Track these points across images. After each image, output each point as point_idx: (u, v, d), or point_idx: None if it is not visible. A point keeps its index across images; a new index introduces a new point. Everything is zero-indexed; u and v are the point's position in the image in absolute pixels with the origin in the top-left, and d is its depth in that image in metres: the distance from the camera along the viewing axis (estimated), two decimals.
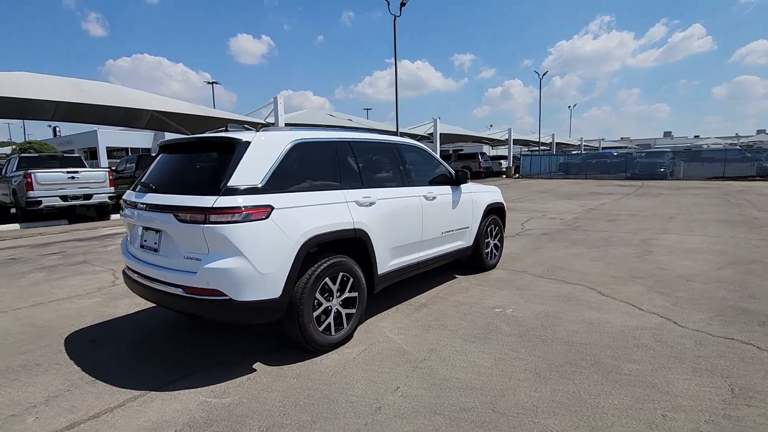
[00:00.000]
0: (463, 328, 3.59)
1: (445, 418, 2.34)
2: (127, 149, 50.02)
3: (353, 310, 3.36)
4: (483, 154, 29.60)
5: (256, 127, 11.95)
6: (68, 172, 10.63)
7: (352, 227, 3.27)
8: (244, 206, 2.67)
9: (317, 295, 3.05)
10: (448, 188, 4.59)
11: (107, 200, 11.43)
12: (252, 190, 2.75)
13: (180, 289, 2.74)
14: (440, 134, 29.08)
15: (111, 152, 49.74)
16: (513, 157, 31.32)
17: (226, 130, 3.26)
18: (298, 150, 3.14)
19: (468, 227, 4.92)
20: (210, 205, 2.61)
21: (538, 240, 7.36)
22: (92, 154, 48.60)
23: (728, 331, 3.41)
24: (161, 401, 2.57)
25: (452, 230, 4.61)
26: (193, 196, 2.71)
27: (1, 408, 2.53)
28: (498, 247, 5.62)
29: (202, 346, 3.36)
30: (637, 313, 3.85)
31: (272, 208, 2.79)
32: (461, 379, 2.76)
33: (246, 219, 2.67)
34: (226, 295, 2.65)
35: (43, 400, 2.61)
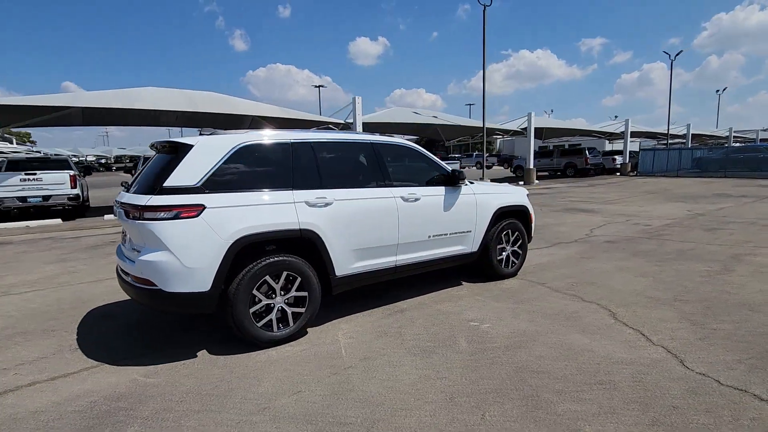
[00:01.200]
0: (417, 340, 3.39)
1: (313, 429, 2.27)
2: None
3: (301, 309, 3.40)
4: (592, 149, 26.56)
5: (337, 126, 12.59)
6: (26, 174, 10.87)
7: (297, 227, 3.30)
8: (173, 204, 2.90)
9: (255, 291, 3.16)
10: (439, 189, 4.32)
11: (66, 201, 11.30)
12: (186, 190, 2.98)
13: (130, 278, 3.10)
14: (545, 129, 27.08)
15: None
16: (630, 152, 27.56)
17: (200, 134, 3.54)
18: (243, 153, 3.28)
19: (469, 231, 4.56)
20: (143, 203, 2.90)
21: (594, 249, 6.46)
22: None
23: (748, 380, 2.65)
24: (105, 374, 2.95)
25: (444, 234, 4.33)
26: (136, 194, 3.03)
27: (1, 362, 3.16)
28: (518, 255, 5.10)
29: (178, 331, 3.71)
30: (641, 344, 3.19)
31: (204, 207, 2.98)
32: (367, 393, 2.62)
33: (176, 216, 2.90)
34: (156, 285, 2.92)
35: (31, 359, 3.19)
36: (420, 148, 4.47)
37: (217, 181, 3.11)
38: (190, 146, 3.12)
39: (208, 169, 3.09)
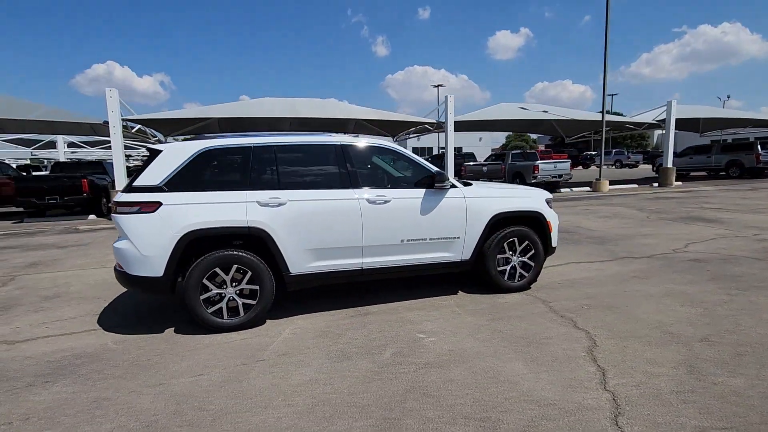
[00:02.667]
0: (348, 344, 3.35)
1: (172, 410, 2.49)
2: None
3: (252, 302, 3.66)
4: (766, 143, 21.04)
5: (432, 126, 12.88)
6: None
7: (245, 225, 3.56)
8: (135, 201, 3.43)
9: (205, 281, 3.53)
10: (416, 191, 4.11)
11: None
12: (149, 189, 3.49)
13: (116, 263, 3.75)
14: (702, 119, 22.48)
15: None
16: None
17: (186, 140, 4.05)
18: (204, 156, 3.67)
19: (458, 237, 4.23)
20: (115, 199, 3.50)
21: (661, 268, 5.30)
22: None
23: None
24: (93, 336, 3.65)
25: (423, 239, 4.11)
26: (119, 192, 3.66)
27: (33, 320, 4.13)
28: (528, 266, 4.53)
29: (178, 311, 4.30)
30: (588, 385, 2.63)
31: (161, 204, 3.45)
32: (250, 386, 2.75)
33: (138, 211, 3.43)
34: (122, 269, 3.50)
35: (64, 318, 4.11)
36: (401, 149, 4.32)
37: (178, 182, 3.56)
38: (160, 151, 3.63)
39: (171, 171, 3.56)
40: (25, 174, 17.65)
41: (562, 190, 17.42)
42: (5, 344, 3.54)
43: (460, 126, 16.05)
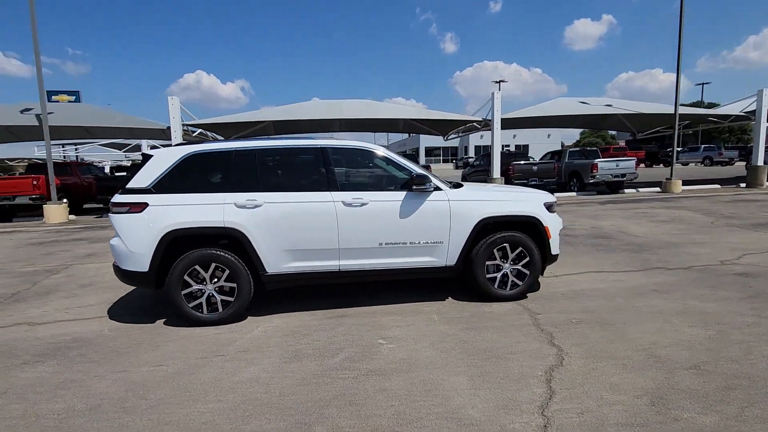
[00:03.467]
0: (309, 345, 3.39)
1: (120, 395, 2.70)
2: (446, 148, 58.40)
3: (231, 299, 3.84)
4: None
5: (480, 124, 12.76)
6: None
7: (222, 226, 3.74)
8: (126, 202, 3.75)
9: (186, 277, 3.77)
10: (397, 194, 4.03)
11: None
12: (138, 191, 3.79)
13: None
14: None
15: (430, 151, 59.72)
16: None
17: (179, 144, 4.32)
18: (190, 161, 3.90)
19: (441, 242, 4.09)
20: (112, 201, 3.84)
21: (698, 282, 4.71)
22: (417, 153, 59.44)
23: None
24: (97, 323, 4.05)
25: (403, 243, 4.03)
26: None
27: (61, 305, 4.67)
28: (523, 275, 4.25)
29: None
30: (527, 408, 2.43)
31: (147, 205, 3.74)
32: (195, 379, 2.89)
33: (128, 211, 3.75)
34: (115, 263, 3.84)
35: (86, 305, 4.61)
36: (385, 151, 4.24)
37: (165, 184, 3.83)
38: (151, 156, 3.93)
39: (159, 174, 3.84)
40: (107, 174, 19.91)
41: (627, 190, 16.01)
42: (27, 325, 4.06)
43: (509, 124, 15.36)
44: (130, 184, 3.84)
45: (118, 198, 3.82)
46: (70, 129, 16.01)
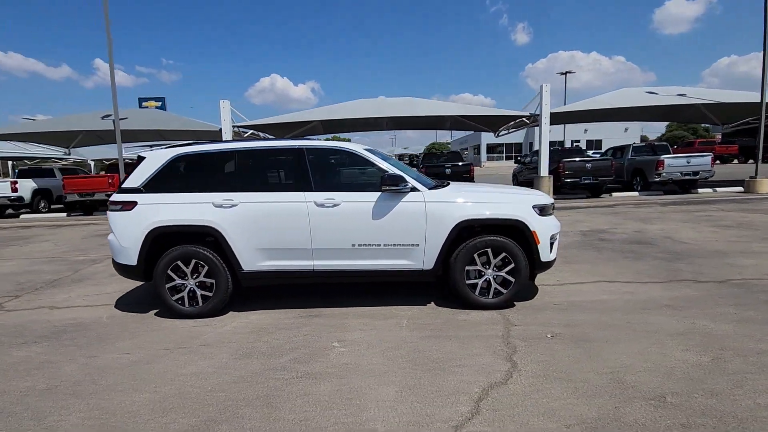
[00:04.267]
0: (265, 344, 3.45)
1: (77, 378, 2.95)
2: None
3: (210, 294, 4.03)
4: None
5: (528, 120, 12.44)
6: None
7: (200, 224, 3.92)
8: (119, 200, 4.07)
9: (169, 272, 4.01)
10: (370, 195, 3.94)
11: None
12: (131, 190, 4.09)
13: None
14: None
15: (493, 148, 57.93)
16: None
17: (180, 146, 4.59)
18: (177, 162, 4.12)
19: (417, 245, 3.94)
20: (110, 200, 4.19)
21: (725, 299, 4.10)
22: (477, 150, 58.13)
23: None
24: (101, 310, 4.45)
25: (377, 245, 3.94)
26: None
27: (84, 291, 5.17)
28: (508, 283, 3.97)
29: None
30: (442, 427, 2.28)
31: (137, 203, 4.02)
32: (137, 371, 3.06)
33: (121, 209, 4.06)
34: (112, 257, 4.19)
35: (103, 293, 5.08)
36: (363, 152, 4.16)
37: (154, 184, 4.09)
38: (144, 158, 4.23)
39: (149, 174, 4.12)
40: None
41: (702, 190, 14.29)
42: (48, 309, 4.57)
43: (560, 118, 14.35)
44: (125, 184, 4.16)
45: (114, 197, 4.16)
46: (145, 132, 17.71)
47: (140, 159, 4.24)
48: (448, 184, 4.31)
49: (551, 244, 4.07)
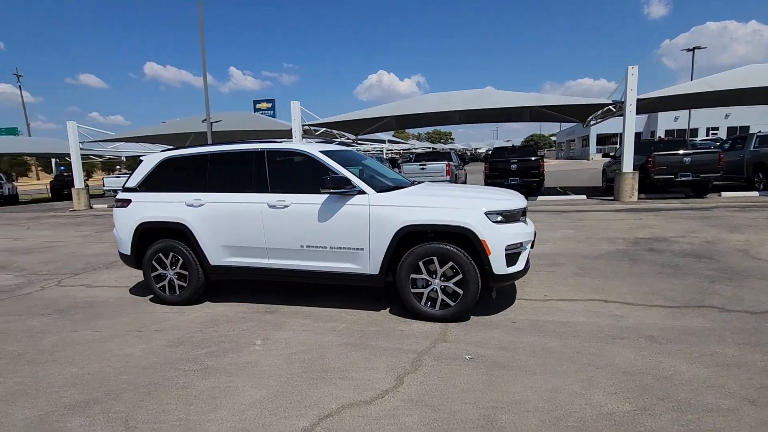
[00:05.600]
0: (204, 334, 3.70)
1: (53, 352, 3.53)
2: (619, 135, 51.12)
3: (185, 284, 4.45)
4: None
5: (615, 108, 11.58)
6: (420, 164, 14.55)
7: (174, 221, 4.34)
8: (120, 198, 4.69)
9: (153, 262, 4.52)
10: (317, 197, 3.93)
11: None
12: (129, 190, 4.68)
13: None
14: None
15: (604, 139, 52.36)
16: None
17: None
18: (165, 164, 4.59)
19: (362, 249, 3.84)
20: (116, 197, 4.84)
21: (743, 334, 3.27)
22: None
23: None
24: (116, 291, 5.19)
25: (323, 247, 3.94)
26: None
27: (119, 274, 6.05)
28: (456, 295, 3.66)
29: None
30: None
31: (131, 201, 4.60)
32: (96, 350, 3.53)
33: (120, 206, 4.68)
34: (118, 248, 4.85)
35: (125, 276, 5.90)
36: (316, 153, 4.14)
37: (146, 184, 4.63)
38: (142, 160, 4.79)
39: (143, 175, 4.67)
40: None
41: None
42: (84, 287, 5.48)
43: (648, 106, 12.25)
44: (126, 184, 4.78)
45: (118, 195, 4.81)
46: (237, 133, 19.76)
47: (139, 161, 4.83)
48: (411, 185, 4.11)
49: (512, 255, 3.64)
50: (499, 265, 3.58)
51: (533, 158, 13.64)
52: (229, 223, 4.21)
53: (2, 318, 4.36)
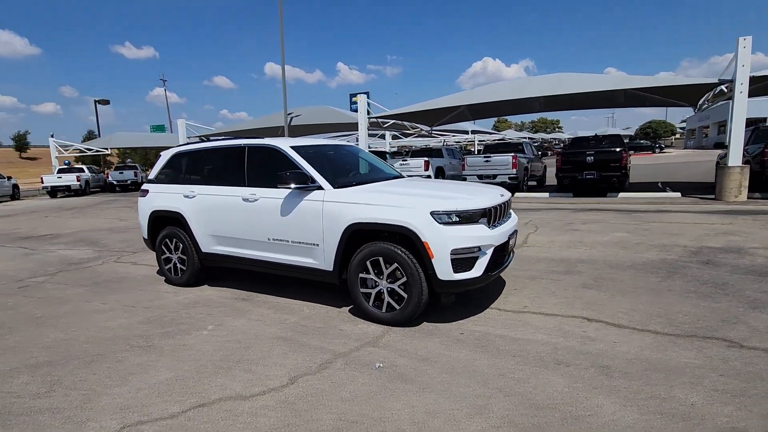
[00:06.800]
0: (175, 314, 4.05)
1: (68, 320, 4.20)
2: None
3: (185, 267, 4.91)
4: None
5: (727, 88, 10.65)
6: (484, 157, 13.99)
7: (173, 210, 4.79)
8: (142, 189, 5.31)
9: (162, 246, 5.06)
10: (280, 192, 4.01)
11: (507, 180, 13.34)
12: (149, 181, 5.28)
13: None
14: None
15: (753, 122, 44.06)
16: None
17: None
18: (173, 159, 5.07)
19: (317, 245, 3.84)
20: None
21: (742, 376, 2.60)
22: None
23: None
24: (147, 269, 5.93)
25: (286, 240, 4.02)
26: None
27: (138, 260, 6.85)
28: (401, 299, 3.47)
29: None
30: (112, 419, 2.46)
31: (148, 191, 5.19)
32: (89, 322, 4.10)
33: (142, 195, 5.30)
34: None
35: (147, 259, 6.67)
36: (285, 149, 4.18)
37: (160, 177, 5.18)
38: (161, 155, 5.35)
39: (158, 169, 5.22)
40: None
41: None
42: (131, 264, 6.35)
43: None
44: (149, 176, 5.40)
45: (143, 186, 5.45)
46: (320, 126, 20.81)
47: (158, 156, 5.42)
48: (387, 180, 4.04)
49: (462, 260, 3.33)
50: (444, 269, 3.30)
51: (616, 150, 12.02)
52: (214, 214, 4.53)
53: (55, 285, 5.28)
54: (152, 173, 5.33)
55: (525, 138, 34.53)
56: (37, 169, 46.61)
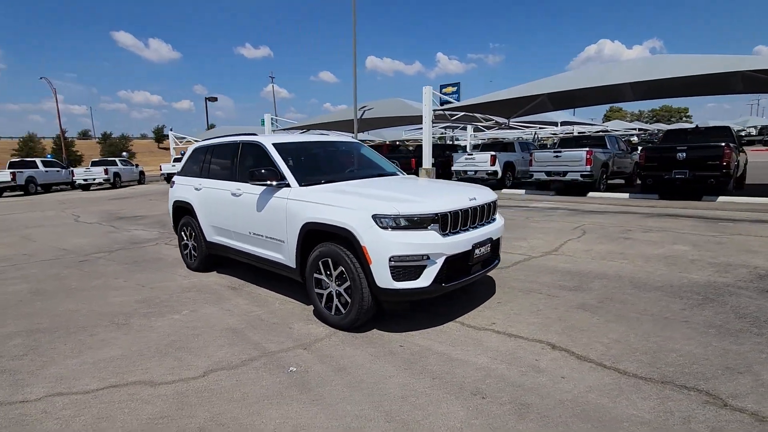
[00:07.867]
0: (170, 298, 4.42)
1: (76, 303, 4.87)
2: None
3: (196, 254, 5.34)
4: None
5: None
6: (555, 152, 12.88)
7: (186, 200, 5.22)
8: (171, 181, 5.86)
9: (181, 233, 5.55)
10: (257, 187, 4.10)
11: (579, 178, 12.23)
12: (177, 174, 5.81)
13: None
14: None
15: None
16: None
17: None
18: (194, 153, 5.49)
19: (283, 241, 3.88)
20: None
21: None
22: None
23: None
24: (169, 248, 6.56)
25: (261, 235, 4.14)
26: None
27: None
28: (347, 303, 3.37)
29: None
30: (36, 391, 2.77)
31: (174, 183, 5.71)
32: (99, 297, 4.67)
33: (171, 185, 5.85)
34: None
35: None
36: (266, 145, 4.25)
37: (185, 170, 5.66)
38: (188, 149, 5.82)
39: (183, 162, 5.71)
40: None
41: None
42: (173, 246, 7.07)
43: None
44: (179, 168, 5.94)
45: (173, 178, 6.02)
46: (389, 119, 20.87)
47: (187, 150, 5.92)
48: (368, 179, 4.01)
49: (403, 268, 3.11)
50: (382, 276, 3.12)
51: (716, 145, 10.06)
52: (213, 206, 4.84)
53: (106, 262, 6.10)
54: (181, 165, 5.85)
55: (614, 131, 30.63)
56: (169, 157, 54.37)
